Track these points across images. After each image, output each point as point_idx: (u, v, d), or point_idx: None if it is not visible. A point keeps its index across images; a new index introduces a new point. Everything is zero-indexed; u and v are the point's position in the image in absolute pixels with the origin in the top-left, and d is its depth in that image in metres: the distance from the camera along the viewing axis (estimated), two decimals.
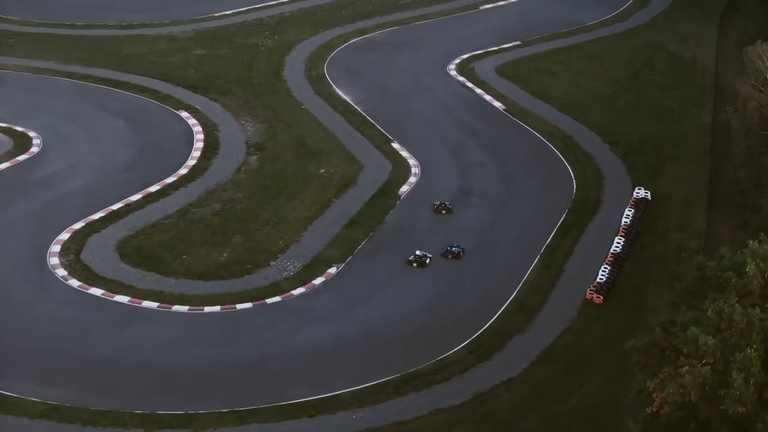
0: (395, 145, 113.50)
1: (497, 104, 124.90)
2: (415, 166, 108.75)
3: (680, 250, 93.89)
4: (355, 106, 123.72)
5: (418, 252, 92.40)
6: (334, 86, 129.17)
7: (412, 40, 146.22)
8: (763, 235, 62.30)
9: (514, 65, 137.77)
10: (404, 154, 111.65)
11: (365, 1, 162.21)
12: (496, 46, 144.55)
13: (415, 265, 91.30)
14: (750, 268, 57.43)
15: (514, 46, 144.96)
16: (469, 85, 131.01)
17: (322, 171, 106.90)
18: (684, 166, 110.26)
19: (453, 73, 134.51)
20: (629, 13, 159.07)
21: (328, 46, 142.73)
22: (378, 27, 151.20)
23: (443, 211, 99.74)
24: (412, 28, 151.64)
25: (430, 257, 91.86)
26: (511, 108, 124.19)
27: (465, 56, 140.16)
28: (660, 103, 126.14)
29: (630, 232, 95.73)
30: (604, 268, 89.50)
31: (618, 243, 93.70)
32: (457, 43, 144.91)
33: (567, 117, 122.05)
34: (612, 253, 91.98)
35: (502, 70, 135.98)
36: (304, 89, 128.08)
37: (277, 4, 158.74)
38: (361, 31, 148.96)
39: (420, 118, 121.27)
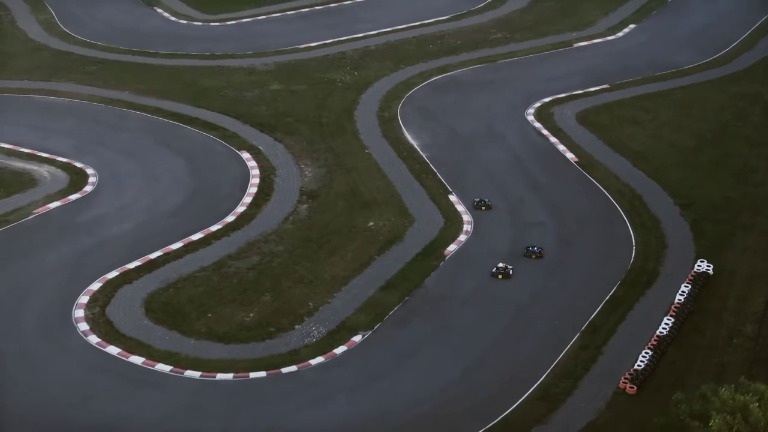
0: (452, 198, 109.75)
1: (570, 155, 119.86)
2: (468, 223, 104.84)
3: (733, 336, 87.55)
4: (421, 152, 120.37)
5: (501, 264, 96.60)
6: (404, 129, 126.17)
7: (495, 79, 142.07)
8: (743, 377, 56.59)
9: (596, 111, 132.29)
10: (460, 208, 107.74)
11: (454, 35, 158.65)
12: (582, 90, 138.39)
13: (500, 276, 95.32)
14: (714, 423, 51.94)
15: (600, 89, 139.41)
16: (545, 132, 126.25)
17: (371, 224, 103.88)
18: (756, 238, 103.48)
19: (530, 118, 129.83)
20: (732, 56, 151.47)
21: (407, 84, 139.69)
22: (463, 64, 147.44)
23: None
24: (498, 66, 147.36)
25: (511, 268, 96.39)
26: (584, 161, 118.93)
27: (547, 99, 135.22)
28: (745, 161, 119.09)
29: (681, 312, 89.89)
30: (645, 352, 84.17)
31: (666, 324, 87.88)
32: (541, 84, 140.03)
33: (641, 173, 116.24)
34: (657, 336, 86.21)
35: (583, 117, 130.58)
36: (372, 131, 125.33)
37: (364, 37, 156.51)
38: (444, 69, 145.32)
39: (485, 167, 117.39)
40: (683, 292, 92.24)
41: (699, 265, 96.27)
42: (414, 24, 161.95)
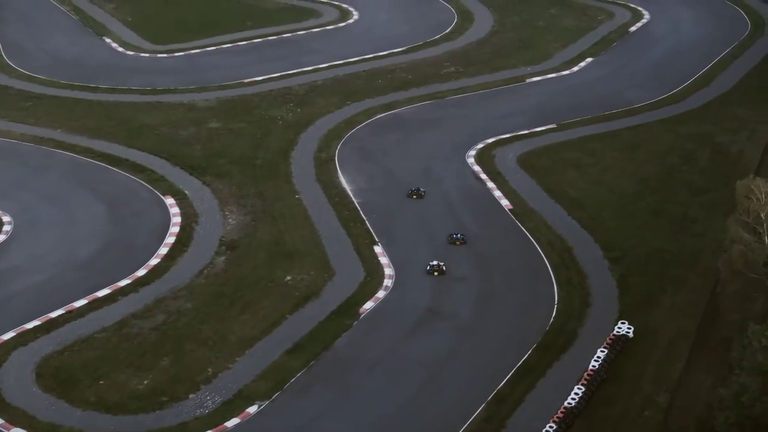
0: (377, 249, 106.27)
1: (505, 202, 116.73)
2: (389, 277, 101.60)
3: (645, 406, 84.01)
4: (353, 198, 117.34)
5: (434, 262, 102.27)
6: (339, 171, 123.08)
7: (442, 117, 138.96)
8: None
9: (539, 154, 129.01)
10: (384, 260, 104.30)
11: (406, 69, 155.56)
12: (529, 129, 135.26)
13: (435, 273, 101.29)
14: None
15: (547, 129, 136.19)
16: (483, 176, 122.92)
17: (289, 278, 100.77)
18: (685, 295, 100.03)
19: (471, 160, 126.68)
20: (687, 93, 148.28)
21: (350, 122, 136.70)
22: (410, 101, 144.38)
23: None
24: (447, 103, 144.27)
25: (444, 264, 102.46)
26: (519, 208, 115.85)
27: (491, 140, 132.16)
28: (686, 210, 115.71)
29: (593, 381, 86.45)
30: (550, 426, 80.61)
31: (576, 394, 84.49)
32: (487, 123, 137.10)
33: (575, 223, 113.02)
34: (564, 408, 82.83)
35: (525, 160, 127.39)
36: (306, 174, 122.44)
37: (313, 70, 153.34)
38: (390, 106, 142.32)
39: (417, 215, 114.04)
40: (598, 357, 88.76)
41: (619, 328, 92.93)
42: (367, 57, 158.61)
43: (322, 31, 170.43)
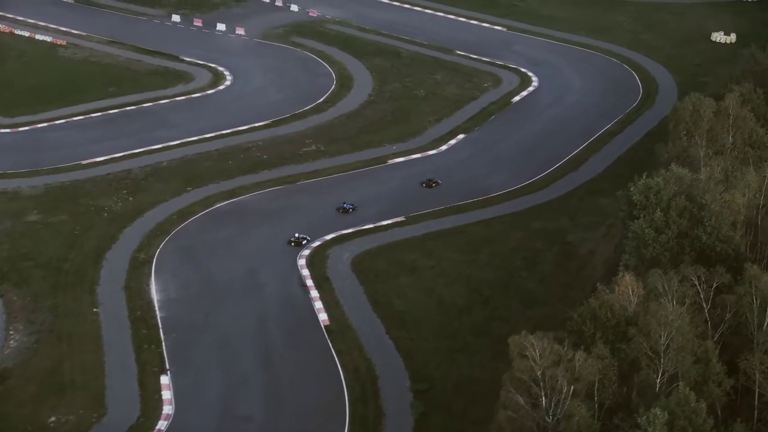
0: (164, 380, 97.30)
1: (323, 317, 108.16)
2: (165, 419, 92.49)
3: None
4: (157, 311, 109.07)
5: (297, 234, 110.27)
6: (153, 277, 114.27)
7: (285, 208, 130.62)
8: None
9: (376, 254, 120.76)
10: (166, 395, 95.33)
11: (263, 147, 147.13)
12: (374, 223, 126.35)
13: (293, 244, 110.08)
14: None
15: (394, 223, 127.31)
16: (309, 282, 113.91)
17: (52, 420, 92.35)
18: None
19: (302, 261, 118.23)
20: (554, 178, 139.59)
21: (184, 214, 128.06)
22: (258, 186, 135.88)
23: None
24: (297, 188, 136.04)
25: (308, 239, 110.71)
26: (336, 324, 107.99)
27: (331, 236, 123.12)
28: (512, 327, 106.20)
29: None
30: None
31: None
32: (333, 215, 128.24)
33: (392, 343, 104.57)
34: None
35: (360, 261, 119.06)
36: (115, 281, 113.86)
37: (162, 148, 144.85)
38: (234, 192, 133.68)
39: (223, 333, 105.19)
40: None
41: None
42: (224, 132, 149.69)
43: (187, 99, 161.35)
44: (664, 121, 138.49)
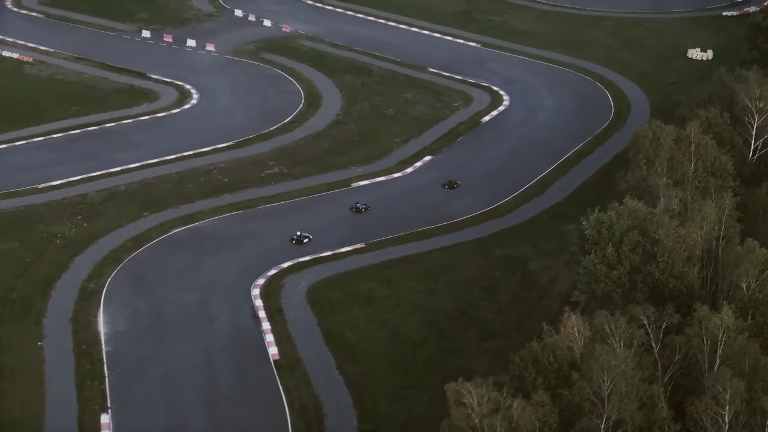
0: (104, 419, 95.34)
1: (273, 351, 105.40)
2: None
3: None
4: (103, 345, 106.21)
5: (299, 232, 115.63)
6: (101, 308, 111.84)
7: (243, 234, 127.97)
8: None
9: (333, 283, 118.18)
10: None
11: (225, 169, 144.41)
12: (333, 250, 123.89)
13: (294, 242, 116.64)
14: None
15: (354, 250, 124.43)
16: (262, 314, 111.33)
17: None
18: None
19: (256, 292, 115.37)
20: (519, 202, 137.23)
21: (138, 241, 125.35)
22: (216, 211, 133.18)
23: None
24: (256, 213, 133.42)
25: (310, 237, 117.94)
26: (286, 358, 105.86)
27: (288, 264, 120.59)
28: (466, 361, 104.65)
29: None
30: None
31: None
32: (291, 242, 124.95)
33: (341, 379, 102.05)
34: None
35: (315, 291, 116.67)
36: (62, 312, 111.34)
37: (121, 171, 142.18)
38: (191, 218, 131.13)
39: (170, 368, 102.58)
40: None
41: None
42: (186, 153, 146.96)
43: (152, 119, 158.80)
44: None
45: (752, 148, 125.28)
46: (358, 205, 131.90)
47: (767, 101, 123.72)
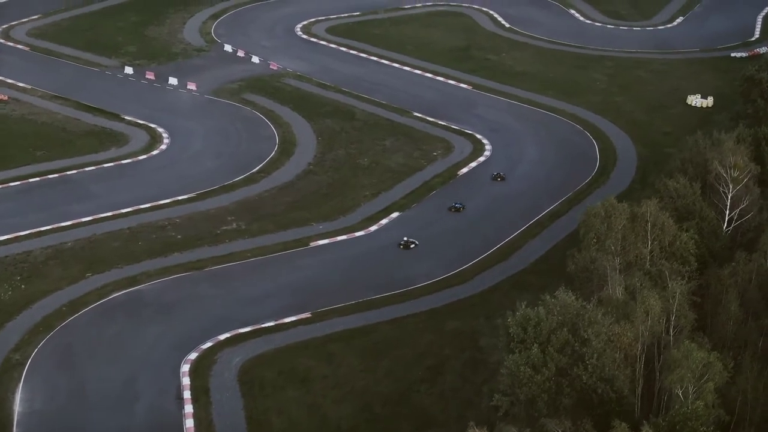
0: None
1: None
2: None
3: None
4: (15, 427, 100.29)
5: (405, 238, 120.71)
6: (20, 384, 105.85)
7: (185, 299, 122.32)
8: None
9: (269, 360, 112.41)
10: None
11: (180, 225, 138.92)
12: (276, 320, 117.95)
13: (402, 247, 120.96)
14: None
15: (298, 320, 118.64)
16: (187, 394, 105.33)
17: None
18: None
19: (186, 368, 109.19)
20: (482, 267, 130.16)
21: (75, 305, 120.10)
22: (162, 272, 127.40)
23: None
24: (202, 276, 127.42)
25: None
26: None
27: (225, 336, 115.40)
28: None
29: None
30: None
31: None
32: (235, 309, 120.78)
33: None
34: None
35: (248, 369, 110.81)
36: None
37: (71, 226, 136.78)
38: (135, 280, 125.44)
39: None
40: None
41: None
42: (143, 206, 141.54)
43: (115, 166, 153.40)
44: None
45: (727, 218, 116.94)
46: (456, 204, 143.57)
47: (741, 170, 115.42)
